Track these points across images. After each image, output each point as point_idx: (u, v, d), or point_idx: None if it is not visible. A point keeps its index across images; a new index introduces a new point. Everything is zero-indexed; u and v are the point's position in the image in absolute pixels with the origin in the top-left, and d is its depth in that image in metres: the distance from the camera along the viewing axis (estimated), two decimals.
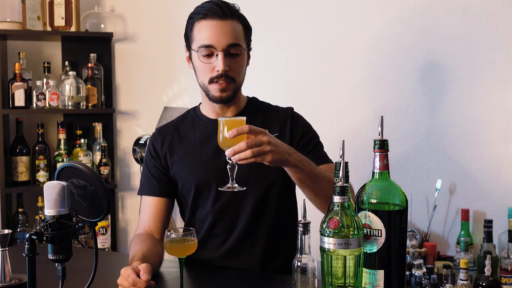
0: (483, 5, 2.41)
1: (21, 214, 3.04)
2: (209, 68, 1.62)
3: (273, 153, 1.37)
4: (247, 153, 1.33)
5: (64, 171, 1.19)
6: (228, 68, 1.61)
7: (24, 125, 3.08)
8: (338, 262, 1.12)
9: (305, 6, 2.82)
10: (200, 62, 1.63)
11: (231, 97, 1.66)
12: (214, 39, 1.59)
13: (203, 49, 1.61)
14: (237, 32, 1.63)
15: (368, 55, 2.68)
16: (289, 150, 1.45)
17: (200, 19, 1.62)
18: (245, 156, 1.34)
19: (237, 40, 1.62)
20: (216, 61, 1.60)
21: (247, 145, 1.33)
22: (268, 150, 1.36)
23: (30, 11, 3.02)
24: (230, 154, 1.35)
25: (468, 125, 2.45)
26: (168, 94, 3.21)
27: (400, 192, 1.18)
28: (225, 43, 1.59)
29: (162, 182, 1.73)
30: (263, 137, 1.36)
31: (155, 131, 1.81)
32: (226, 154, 1.36)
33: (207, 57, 1.62)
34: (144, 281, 1.32)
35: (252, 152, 1.34)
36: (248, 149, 1.34)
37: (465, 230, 2.37)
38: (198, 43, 1.62)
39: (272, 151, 1.37)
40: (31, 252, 1.12)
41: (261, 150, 1.35)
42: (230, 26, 1.61)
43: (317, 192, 1.51)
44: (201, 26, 1.62)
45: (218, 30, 1.60)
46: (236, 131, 1.34)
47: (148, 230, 1.71)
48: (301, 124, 1.75)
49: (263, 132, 1.38)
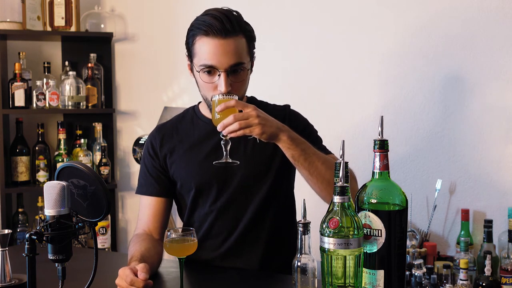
0: (483, 5, 2.41)
1: (21, 214, 3.03)
2: (212, 86, 1.58)
3: (262, 126, 1.43)
4: (235, 125, 1.40)
5: (64, 171, 1.19)
6: (230, 88, 1.57)
7: (24, 125, 3.08)
8: (338, 262, 1.12)
9: (307, 5, 2.82)
10: (201, 80, 1.59)
11: None
12: (216, 59, 1.53)
13: (205, 68, 1.56)
14: (240, 50, 1.57)
15: (368, 55, 2.68)
16: (282, 127, 1.48)
17: (201, 35, 1.55)
18: (234, 128, 1.41)
19: (240, 58, 1.56)
20: (219, 80, 1.55)
21: (234, 118, 1.41)
22: (256, 123, 1.42)
23: (30, 11, 3.02)
24: (220, 129, 1.43)
25: (468, 125, 2.45)
26: (168, 94, 3.21)
27: (400, 192, 1.18)
28: (228, 64, 1.54)
29: (161, 181, 1.73)
30: (252, 111, 1.43)
31: (154, 130, 1.80)
32: (218, 129, 1.44)
33: (209, 75, 1.57)
34: (142, 280, 1.32)
35: (239, 125, 1.41)
36: (235, 121, 1.40)
37: (465, 230, 2.37)
38: (200, 61, 1.57)
39: (261, 124, 1.43)
40: (31, 252, 1.12)
41: (248, 123, 1.41)
42: (233, 44, 1.54)
43: (312, 172, 1.52)
44: (202, 44, 1.56)
45: (220, 50, 1.53)
46: (224, 105, 1.43)
47: (147, 230, 1.70)
48: (299, 121, 1.76)
49: (252, 107, 1.44)
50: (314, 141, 1.71)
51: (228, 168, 1.65)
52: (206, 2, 2.06)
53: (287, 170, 1.71)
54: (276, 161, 1.68)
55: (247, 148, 1.68)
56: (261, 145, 1.66)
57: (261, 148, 1.67)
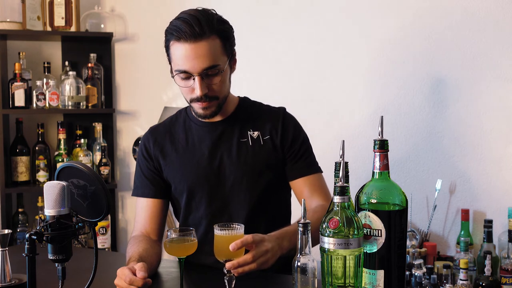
0: (483, 5, 2.41)
1: (21, 214, 3.03)
2: (189, 90, 1.58)
3: (273, 258, 1.38)
4: (252, 266, 1.32)
5: (64, 171, 1.19)
6: (207, 90, 1.56)
7: (24, 125, 3.08)
8: (338, 262, 1.12)
9: (306, 5, 2.82)
10: (179, 84, 1.60)
11: (215, 113, 1.64)
12: (188, 64, 1.53)
13: (180, 73, 1.56)
14: (213, 52, 1.54)
15: (368, 56, 2.68)
16: (279, 243, 1.43)
17: (173, 40, 1.55)
18: (250, 268, 1.32)
19: (214, 61, 1.54)
20: (194, 84, 1.55)
21: (253, 257, 1.32)
22: (269, 257, 1.36)
23: (30, 11, 3.02)
24: (232, 267, 1.30)
25: (468, 125, 2.45)
26: (168, 94, 3.21)
27: (400, 192, 1.18)
28: (200, 68, 1.52)
29: (156, 183, 1.72)
30: (264, 246, 1.36)
31: (147, 132, 1.78)
32: (227, 267, 1.31)
33: (185, 80, 1.57)
34: (141, 278, 1.32)
35: (257, 264, 1.33)
36: (253, 261, 1.32)
37: (465, 230, 2.37)
38: (175, 66, 1.57)
39: (273, 257, 1.38)
40: (31, 252, 1.12)
41: (265, 260, 1.35)
42: (205, 47, 1.52)
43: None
44: (175, 49, 1.55)
45: (191, 54, 1.52)
46: (240, 243, 1.30)
47: (144, 232, 1.70)
48: (292, 126, 1.72)
49: (262, 240, 1.37)
50: (304, 153, 1.71)
51: (221, 172, 1.65)
52: (207, 2, 2.06)
53: (280, 174, 1.71)
54: (269, 164, 1.67)
55: (240, 152, 1.67)
56: (254, 149, 1.66)
57: (254, 151, 1.67)
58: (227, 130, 1.69)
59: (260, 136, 1.68)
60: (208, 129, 1.70)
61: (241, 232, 1.35)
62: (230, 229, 1.34)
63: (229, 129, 1.69)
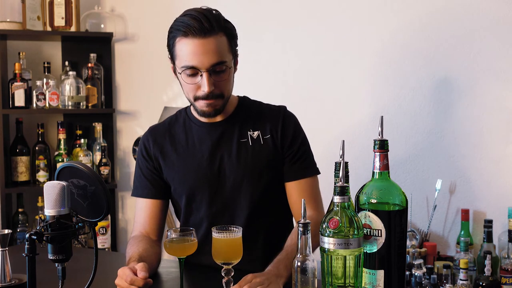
0: (483, 5, 2.41)
1: (21, 214, 3.03)
2: (195, 87, 1.57)
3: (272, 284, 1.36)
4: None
5: (64, 171, 1.19)
6: (214, 87, 1.55)
7: (24, 125, 3.08)
8: (338, 262, 1.12)
9: (307, 6, 2.82)
10: (184, 81, 1.58)
11: (219, 111, 1.63)
12: (196, 60, 1.52)
13: (187, 69, 1.55)
14: (221, 48, 1.54)
15: (368, 56, 2.68)
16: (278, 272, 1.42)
17: (181, 36, 1.54)
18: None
19: (221, 57, 1.54)
20: (201, 81, 1.54)
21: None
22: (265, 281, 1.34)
23: (30, 11, 3.02)
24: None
25: (468, 125, 2.45)
26: (168, 94, 3.21)
27: (400, 192, 1.18)
28: (209, 63, 1.52)
29: (156, 183, 1.72)
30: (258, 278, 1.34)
31: (147, 132, 1.77)
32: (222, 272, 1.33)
33: (192, 76, 1.56)
34: (142, 278, 1.32)
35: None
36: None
37: (465, 230, 2.37)
38: (181, 62, 1.55)
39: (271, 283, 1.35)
40: (31, 252, 1.12)
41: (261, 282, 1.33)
42: (213, 43, 1.52)
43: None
44: (182, 45, 1.54)
45: (200, 50, 1.51)
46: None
47: (144, 232, 1.69)
48: (293, 126, 1.71)
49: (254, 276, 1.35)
50: (303, 155, 1.69)
51: (221, 173, 1.65)
52: (206, 1, 2.06)
53: (280, 173, 1.70)
54: (270, 164, 1.67)
55: (240, 152, 1.66)
56: (254, 149, 1.66)
57: (254, 152, 1.66)
58: (227, 131, 1.68)
59: (260, 136, 1.68)
60: (208, 130, 1.69)
61: (239, 235, 1.35)
62: (228, 232, 1.34)
63: (229, 129, 1.68)
